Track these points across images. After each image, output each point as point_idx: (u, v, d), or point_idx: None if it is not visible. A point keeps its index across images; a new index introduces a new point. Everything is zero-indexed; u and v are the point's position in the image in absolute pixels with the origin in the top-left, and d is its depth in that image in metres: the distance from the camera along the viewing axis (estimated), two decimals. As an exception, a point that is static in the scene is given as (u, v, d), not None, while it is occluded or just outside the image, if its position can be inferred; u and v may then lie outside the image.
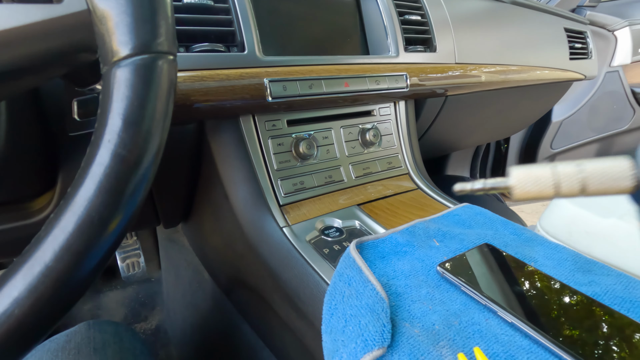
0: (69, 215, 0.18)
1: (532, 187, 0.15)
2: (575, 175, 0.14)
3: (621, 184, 0.13)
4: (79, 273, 0.18)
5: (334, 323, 0.30)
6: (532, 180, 0.15)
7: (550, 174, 0.14)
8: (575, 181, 0.14)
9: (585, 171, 0.14)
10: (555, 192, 0.14)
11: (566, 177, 0.14)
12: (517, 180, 0.15)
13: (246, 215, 0.46)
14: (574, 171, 0.14)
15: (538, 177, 0.15)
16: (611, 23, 1.30)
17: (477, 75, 0.67)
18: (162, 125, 0.21)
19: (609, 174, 0.14)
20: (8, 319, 0.17)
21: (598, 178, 0.14)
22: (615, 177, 0.13)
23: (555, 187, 0.14)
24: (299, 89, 0.46)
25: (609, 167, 0.14)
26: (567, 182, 0.14)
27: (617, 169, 0.13)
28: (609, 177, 0.14)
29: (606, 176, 0.14)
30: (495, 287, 0.33)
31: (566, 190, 0.14)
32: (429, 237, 0.41)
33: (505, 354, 0.27)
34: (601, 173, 0.14)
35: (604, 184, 0.14)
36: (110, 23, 0.20)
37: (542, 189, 0.15)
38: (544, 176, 0.15)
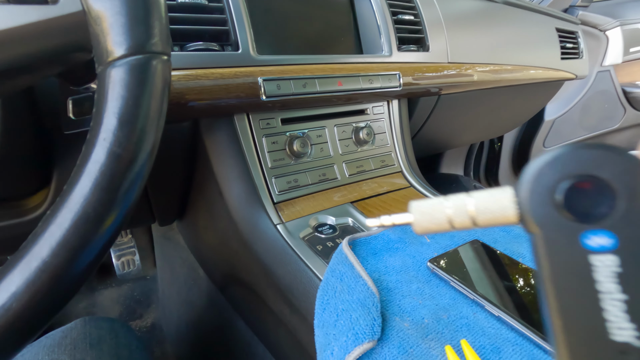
0: (65, 212, 0.19)
1: (429, 223, 0.15)
2: (464, 209, 0.14)
3: (506, 215, 0.13)
4: (75, 268, 0.19)
5: (326, 317, 0.31)
6: (429, 216, 0.15)
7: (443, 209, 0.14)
8: (465, 215, 0.14)
9: (472, 204, 0.14)
10: (451, 226, 0.14)
11: (457, 212, 0.14)
12: (416, 216, 0.15)
13: (240, 212, 0.46)
14: (463, 205, 0.14)
15: (433, 212, 0.15)
16: (603, 23, 1.32)
17: (469, 74, 0.68)
18: (157, 124, 0.22)
19: (494, 207, 0.13)
20: (6, 312, 0.17)
21: (484, 211, 0.14)
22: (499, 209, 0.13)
23: (450, 222, 0.14)
24: (292, 88, 0.46)
25: (493, 200, 0.13)
26: (459, 217, 0.14)
27: (500, 201, 0.13)
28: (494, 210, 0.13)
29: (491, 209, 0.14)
30: (484, 282, 0.33)
31: (459, 224, 0.14)
32: (420, 233, 0.42)
33: (492, 346, 0.28)
34: (487, 206, 0.14)
35: (491, 216, 0.14)
36: (105, 24, 0.20)
37: (439, 224, 0.15)
38: (439, 211, 0.15)
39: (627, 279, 0.11)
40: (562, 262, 0.12)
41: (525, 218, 0.13)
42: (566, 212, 0.12)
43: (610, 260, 0.12)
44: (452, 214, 0.14)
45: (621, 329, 0.11)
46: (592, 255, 0.12)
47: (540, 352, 0.27)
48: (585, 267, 0.12)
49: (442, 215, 0.14)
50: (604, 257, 0.12)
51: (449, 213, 0.14)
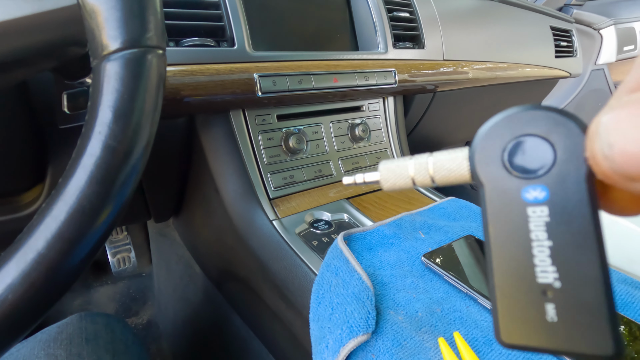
0: (61, 205, 0.19)
1: (395, 180, 0.16)
2: (425, 166, 0.15)
3: (461, 173, 0.14)
4: (71, 261, 0.19)
5: (321, 311, 0.31)
6: (394, 173, 0.16)
7: (406, 167, 0.15)
8: (425, 172, 0.15)
9: (431, 163, 0.15)
10: (413, 183, 0.15)
11: (419, 170, 0.15)
12: (383, 174, 0.16)
13: (236, 208, 0.46)
14: (424, 163, 0.15)
15: (398, 170, 0.16)
16: (597, 22, 1.33)
17: (465, 72, 0.68)
18: (152, 117, 0.22)
19: (450, 165, 0.14)
20: (2, 304, 0.17)
21: (442, 169, 0.15)
22: (455, 168, 0.14)
23: (412, 179, 0.15)
24: (288, 84, 0.46)
25: (450, 159, 0.14)
26: (420, 174, 0.15)
27: (456, 160, 0.14)
28: (451, 167, 0.14)
29: (448, 167, 0.14)
30: (477, 276, 0.34)
31: (420, 181, 0.15)
32: (415, 229, 0.43)
33: (484, 338, 0.28)
34: (443, 164, 0.15)
35: (448, 174, 0.15)
36: (100, 17, 0.20)
37: (403, 181, 0.16)
38: (403, 169, 0.16)
39: (552, 227, 0.13)
40: (503, 213, 0.13)
41: (475, 174, 0.14)
42: (510, 169, 0.13)
43: (541, 210, 0.13)
44: (414, 172, 0.15)
45: (545, 272, 0.13)
46: (529, 207, 0.13)
47: (531, 343, 0.27)
48: (523, 218, 0.13)
49: (405, 173, 0.15)
50: (537, 208, 0.13)
51: (411, 171, 0.15)
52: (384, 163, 0.16)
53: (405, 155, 0.61)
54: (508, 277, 0.13)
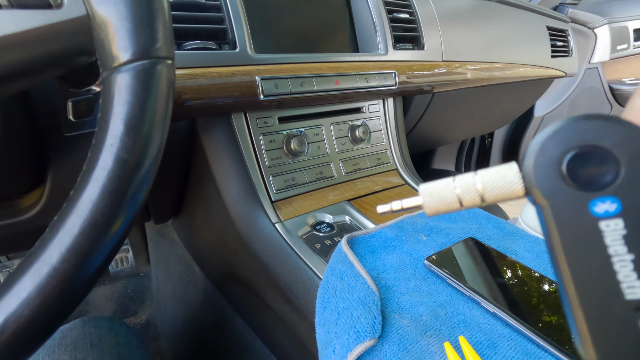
0: (74, 218, 0.19)
1: (439, 204, 0.15)
2: (472, 187, 0.15)
3: (514, 190, 0.14)
4: (85, 273, 0.19)
5: (327, 316, 0.32)
6: (438, 197, 0.15)
7: (452, 189, 0.15)
8: (474, 193, 0.15)
9: (479, 182, 0.14)
10: (460, 205, 0.15)
11: (466, 190, 0.15)
12: (426, 199, 0.15)
13: (238, 211, 0.47)
14: (471, 183, 0.15)
15: (442, 193, 0.15)
16: (591, 21, 1.34)
17: (463, 72, 0.68)
18: (162, 128, 0.22)
19: (501, 182, 0.14)
20: (18, 319, 0.17)
21: (492, 188, 0.14)
22: (506, 185, 0.14)
23: (460, 201, 0.15)
24: (290, 87, 0.46)
25: (500, 176, 0.14)
26: (468, 195, 0.15)
27: (507, 177, 0.14)
28: (501, 185, 0.14)
29: (499, 185, 0.14)
30: (479, 279, 0.34)
31: (468, 202, 0.15)
32: (416, 231, 0.43)
33: (488, 341, 0.29)
34: (494, 182, 0.14)
35: (499, 192, 0.14)
36: (110, 28, 0.20)
37: (449, 204, 0.15)
38: (448, 191, 0.15)
39: (632, 239, 0.12)
40: (572, 231, 0.12)
41: (532, 191, 0.13)
42: (572, 183, 0.12)
43: (616, 223, 0.12)
44: (460, 193, 0.15)
45: (633, 288, 0.12)
46: (601, 221, 0.12)
47: (534, 347, 0.28)
48: (596, 234, 0.12)
49: (451, 196, 0.15)
50: (611, 222, 0.12)
51: (458, 193, 0.15)
52: (425, 186, 0.15)
53: (404, 156, 0.61)
54: (593, 299, 0.12)
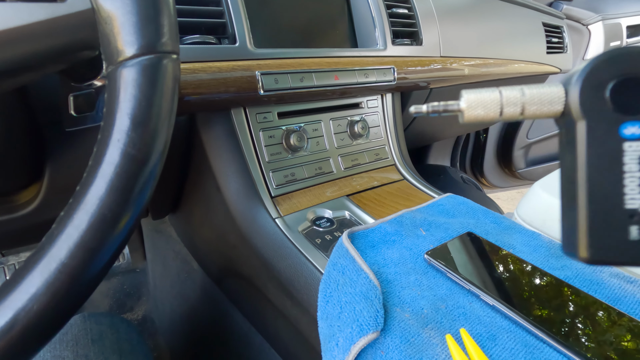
0: (82, 214, 0.19)
1: (480, 111, 0.16)
2: (517, 99, 0.15)
3: (553, 108, 0.15)
4: (93, 269, 0.19)
5: (329, 310, 0.32)
6: (481, 104, 0.16)
7: (497, 99, 0.16)
8: (517, 105, 0.15)
9: (525, 95, 0.15)
10: (500, 115, 0.16)
11: (509, 102, 0.15)
12: (468, 103, 0.16)
13: (238, 206, 0.47)
14: (516, 96, 0.15)
15: (486, 101, 0.16)
16: (586, 17, 1.35)
17: (460, 68, 0.69)
18: (168, 123, 0.22)
19: (545, 99, 0.15)
20: (27, 314, 0.17)
21: (536, 102, 0.15)
22: (549, 102, 0.15)
23: (501, 108, 0.16)
24: (290, 82, 0.46)
25: (545, 93, 0.15)
26: (510, 106, 0.15)
27: (552, 95, 0.15)
28: (544, 101, 0.15)
29: (542, 101, 0.15)
30: (478, 273, 0.35)
31: (508, 114, 0.16)
32: (415, 226, 0.43)
33: (488, 333, 0.29)
34: (539, 98, 0.15)
35: (540, 107, 0.15)
36: (115, 23, 0.20)
37: (489, 113, 0.16)
38: (491, 100, 0.16)
39: None
40: (599, 147, 0.14)
41: (572, 108, 0.14)
42: (611, 105, 0.14)
43: (637, 145, 0.14)
44: (504, 103, 0.15)
45: (633, 199, 0.14)
46: (625, 142, 0.14)
47: (532, 338, 0.28)
48: (618, 152, 0.14)
49: (494, 105, 0.16)
50: (634, 144, 0.14)
51: (501, 103, 0.15)
52: (468, 92, 0.16)
53: (402, 152, 0.62)
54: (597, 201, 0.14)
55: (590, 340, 0.27)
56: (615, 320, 0.29)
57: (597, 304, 0.31)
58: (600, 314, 0.30)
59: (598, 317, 0.30)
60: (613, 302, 0.32)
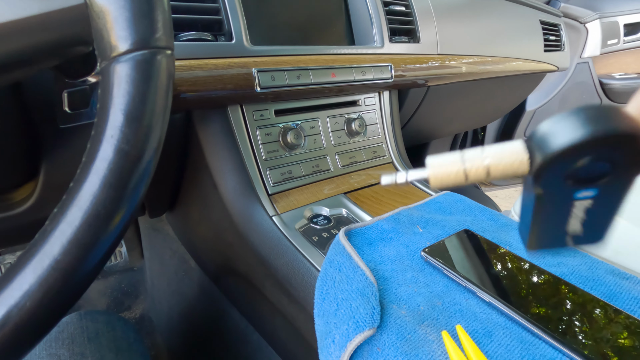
0: (75, 210, 0.19)
1: (446, 178, 0.16)
2: (480, 162, 0.15)
3: (518, 168, 0.15)
4: (87, 265, 0.19)
5: (326, 307, 0.32)
6: (445, 170, 0.16)
7: (459, 163, 0.16)
8: (480, 168, 0.15)
9: (487, 158, 0.15)
10: (466, 179, 0.16)
11: (472, 165, 0.15)
12: (433, 171, 0.16)
13: (235, 204, 0.46)
14: (478, 158, 0.15)
15: (449, 166, 0.16)
16: (583, 15, 1.35)
17: (457, 66, 0.69)
18: (162, 119, 0.22)
19: (507, 159, 0.15)
20: (20, 311, 0.17)
21: (498, 164, 0.15)
22: (512, 162, 0.15)
23: (465, 175, 0.16)
24: (287, 79, 0.46)
25: (507, 153, 0.15)
26: (474, 170, 0.15)
27: (514, 154, 0.15)
28: (507, 162, 0.15)
29: (505, 161, 0.15)
30: (474, 270, 0.35)
31: (474, 177, 0.16)
32: (412, 223, 0.43)
33: (484, 330, 0.29)
34: (500, 158, 0.15)
35: (504, 168, 0.15)
36: (108, 17, 0.20)
37: (455, 178, 0.16)
38: (454, 165, 0.16)
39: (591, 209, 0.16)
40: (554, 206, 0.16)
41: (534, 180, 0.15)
42: (570, 182, 0.15)
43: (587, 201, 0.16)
44: (467, 168, 0.16)
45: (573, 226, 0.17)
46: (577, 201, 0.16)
47: (528, 334, 0.28)
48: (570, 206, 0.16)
49: (458, 170, 0.16)
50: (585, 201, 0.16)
51: (465, 167, 0.16)
52: (432, 159, 0.16)
53: (400, 149, 0.62)
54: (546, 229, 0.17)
55: (585, 336, 0.28)
56: (611, 316, 0.30)
57: (593, 301, 0.31)
58: (596, 311, 0.30)
59: (594, 313, 0.30)
60: (609, 298, 0.32)
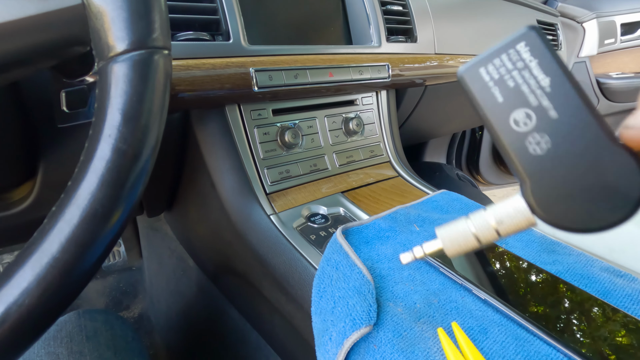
0: (74, 208, 0.19)
1: (458, 245, 0.16)
2: (487, 226, 0.15)
3: (527, 221, 0.15)
4: (85, 263, 0.19)
5: (323, 305, 0.32)
6: (456, 239, 0.16)
7: (468, 229, 0.16)
8: (490, 230, 0.15)
9: (493, 220, 0.15)
10: (479, 243, 0.16)
11: (481, 230, 0.15)
12: (445, 242, 0.16)
13: (233, 203, 0.47)
14: (485, 223, 0.15)
15: (459, 234, 0.16)
16: (580, 15, 1.36)
17: (455, 65, 0.69)
18: (159, 119, 0.22)
19: (513, 217, 0.15)
20: (19, 308, 0.17)
21: (505, 225, 0.15)
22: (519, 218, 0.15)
23: (477, 240, 0.16)
24: (284, 79, 0.46)
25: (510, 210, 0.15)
26: (484, 234, 0.15)
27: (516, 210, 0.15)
28: (514, 219, 0.15)
29: (511, 219, 0.15)
30: (470, 268, 0.35)
31: (486, 240, 0.15)
32: (409, 222, 0.44)
33: (479, 327, 0.29)
34: (506, 218, 0.15)
35: (513, 226, 0.15)
36: (106, 18, 0.20)
37: (468, 244, 0.16)
38: (464, 232, 0.16)
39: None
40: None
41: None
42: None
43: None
44: (477, 233, 0.16)
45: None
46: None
47: (523, 331, 0.29)
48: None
49: (469, 237, 0.16)
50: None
51: (474, 232, 0.16)
52: (441, 230, 0.16)
53: (397, 149, 0.62)
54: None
55: (579, 333, 0.28)
56: (607, 313, 0.30)
57: (588, 298, 0.31)
58: (591, 308, 0.30)
59: (589, 310, 0.30)
60: (603, 295, 0.32)
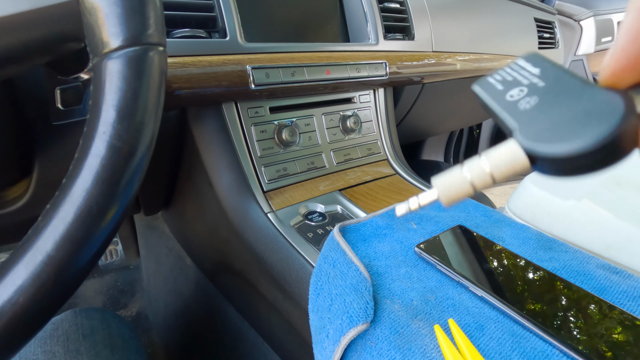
0: (68, 206, 0.19)
1: (454, 193, 0.16)
2: (481, 170, 0.15)
3: (520, 165, 0.14)
4: (79, 261, 0.19)
5: (320, 302, 0.32)
6: (451, 185, 0.16)
7: (463, 176, 0.15)
8: (484, 175, 0.15)
9: (487, 164, 0.15)
10: (474, 190, 0.15)
11: (475, 175, 0.15)
12: (440, 190, 0.16)
13: (230, 201, 0.47)
14: (479, 167, 0.15)
15: (455, 182, 0.16)
16: (577, 13, 1.36)
17: (452, 63, 0.69)
18: (155, 116, 0.22)
19: (505, 160, 0.14)
20: (13, 306, 0.17)
21: (499, 166, 0.15)
22: (511, 160, 0.14)
23: (472, 185, 0.15)
24: (281, 76, 0.46)
25: (503, 153, 0.14)
26: (479, 180, 0.15)
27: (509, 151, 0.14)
28: (507, 162, 0.14)
29: (504, 162, 0.14)
30: (467, 265, 0.35)
31: (481, 185, 0.15)
32: (406, 220, 0.44)
33: (476, 324, 0.29)
34: (499, 161, 0.15)
35: (507, 169, 0.15)
36: (100, 14, 0.20)
37: (463, 190, 0.16)
38: (459, 179, 0.15)
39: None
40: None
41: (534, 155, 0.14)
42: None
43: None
44: (472, 177, 0.15)
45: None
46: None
47: (519, 328, 0.29)
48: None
49: (463, 182, 0.15)
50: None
51: (469, 179, 0.15)
52: (436, 179, 0.16)
53: (395, 147, 0.62)
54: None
55: (576, 329, 0.28)
56: (604, 310, 0.30)
57: (585, 295, 0.31)
58: (587, 305, 0.31)
59: (585, 307, 0.30)
60: (600, 292, 0.32)
